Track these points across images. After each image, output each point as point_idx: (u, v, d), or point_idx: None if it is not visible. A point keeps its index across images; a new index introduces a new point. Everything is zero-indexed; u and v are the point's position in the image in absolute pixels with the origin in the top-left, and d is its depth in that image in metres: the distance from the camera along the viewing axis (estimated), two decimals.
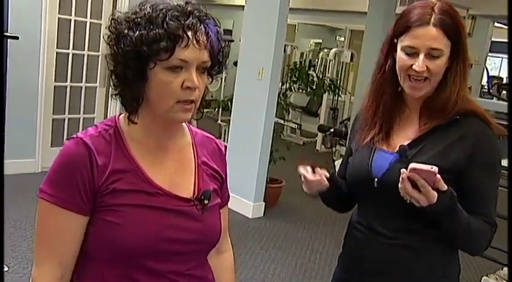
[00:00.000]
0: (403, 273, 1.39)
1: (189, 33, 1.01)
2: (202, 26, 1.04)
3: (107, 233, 1.06)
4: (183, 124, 1.20)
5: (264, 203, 4.72)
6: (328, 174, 1.43)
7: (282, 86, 5.44)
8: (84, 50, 5.30)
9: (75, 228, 1.07)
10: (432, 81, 1.34)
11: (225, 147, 1.32)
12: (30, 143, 5.09)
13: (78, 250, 1.09)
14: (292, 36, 10.13)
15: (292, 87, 5.42)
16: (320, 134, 7.66)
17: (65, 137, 5.38)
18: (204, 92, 1.10)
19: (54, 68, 5.13)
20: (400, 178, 1.21)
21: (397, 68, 1.36)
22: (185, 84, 1.03)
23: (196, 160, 1.19)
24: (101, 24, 5.30)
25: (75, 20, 5.14)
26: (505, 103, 3.93)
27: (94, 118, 5.62)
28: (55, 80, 5.15)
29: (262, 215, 4.70)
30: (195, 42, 1.02)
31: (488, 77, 7.89)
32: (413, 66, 1.31)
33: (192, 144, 1.20)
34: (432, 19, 1.30)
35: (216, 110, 6.90)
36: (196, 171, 1.17)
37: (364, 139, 1.45)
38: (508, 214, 1.49)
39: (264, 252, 3.91)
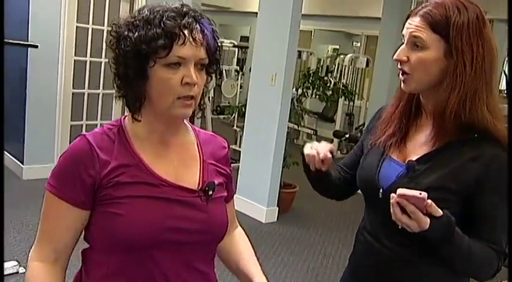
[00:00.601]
0: (404, 279, 1.34)
1: (186, 32, 1.06)
2: (198, 25, 1.08)
3: (110, 224, 1.10)
4: (187, 124, 1.24)
5: (277, 208, 4.76)
6: (329, 155, 1.38)
7: (296, 91, 5.47)
8: (101, 58, 5.41)
9: (73, 220, 1.12)
10: (416, 76, 1.26)
11: (228, 145, 1.35)
12: (49, 148, 5.20)
13: (74, 241, 1.15)
14: (308, 42, 10.18)
15: (307, 93, 5.44)
16: (336, 140, 7.66)
17: None
18: (204, 89, 1.14)
19: (72, 75, 5.25)
20: (390, 204, 1.14)
21: None
22: (184, 80, 1.07)
23: (201, 156, 1.22)
24: None
25: (92, 29, 5.26)
26: None
27: None
28: (73, 87, 5.27)
29: (275, 219, 4.73)
30: (191, 39, 1.06)
31: (507, 82, 7.81)
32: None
33: (197, 142, 1.24)
34: (420, 10, 1.25)
35: (232, 116, 6.98)
36: (201, 165, 1.20)
37: (378, 139, 1.39)
38: (508, 214, 1.43)
39: (276, 257, 3.94)
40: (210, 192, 1.17)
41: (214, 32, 1.12)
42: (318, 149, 1.38)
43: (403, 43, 1.28)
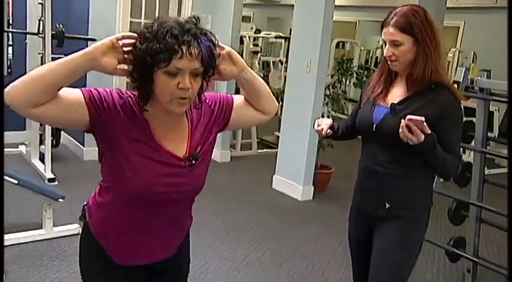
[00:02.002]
0: (391, 190, 2.00)
1: (183, 48, 1.30)
2: (195, 41, 1.33)
3: (118, 171, 1.45)
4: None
5: (313, 187, 5.07)
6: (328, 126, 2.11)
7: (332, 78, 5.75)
8: None
9: (73, 101, 1.37)
10: (400, 61, 1.91)
11: (224, 99, 1.64)
12: None
13: (61, 105, 1.35)
14: (352, 33, 10.35)
15: (341, 80, 5.71)
16: None
17: None
18: (200, 90, 1.44)
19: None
20: (400, 125, 1.77)
21: None
22: (180, 86, 1.34)
23: (189, 132, 1.53)
24: None
25: (144, 23, 5.73)
26: None
27: None
28: (128, 77, 5.77)
29: (311, 198, 5.04)
30: (188, 54, 1.31)
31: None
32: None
33: (188, 120, 1.55)
34: (390, 21, 1.88)
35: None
36: (189, 139, 1.53)
37: (370, 96, 2.05)
38: (508, 213, 1.84)
39: (309, 229, 4.25)
40: (193, 162, 1.52)
41: (211, 46, 1.37)
42: (322, 126, 2.11)
43: (386, 43, 1.93)
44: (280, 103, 5.23)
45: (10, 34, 5.89)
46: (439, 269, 3.68)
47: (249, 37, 6.59)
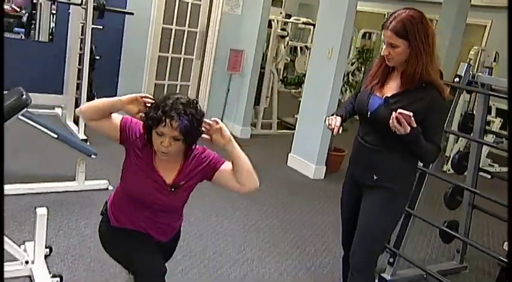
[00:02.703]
0: (378, 165, 2.31)
1: (167, 121, 1.85)
2: (178, 117, 1.86)
3: (126, 179, 2.09)
4: (180, 154, 2.05)
5: (325, 167, 5.37)
6: (339, 120, 2.35)
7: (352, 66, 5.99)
8: (185, 27, 6.22)
9: (114, 125, 2.05)
10: (395, 60, 2.18)
11: (216, 161, 2.11)
12: None
13: (107, 123, 2.04)
14: (379, 24, 10.48)
15: (360, 68, 5.95)
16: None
17: None
18: (186, 148, 1.98)
19: (159, 40, 6.10)
20: (391, 117, 2.04)
21: None
22: (162, 144, 1.91)
23: (180, 169, 2.08)
24: (200, 5, 6.19)
25: (179, 1, 6.06)
26: None
27: (189, 86, 6.56)
28: (159, 51, 6.12)
29: (323, 177, 5.34)
30: (169, 125, 1.85)
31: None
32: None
33: (182, 162, 2.08)
34: (389, 25, 2.12)
35: (298, 89, 7.60)
36: (177, 174, 2.07)
37: (368, 85, 2.34)
38: (508, 212, 2.07)
39: (317, 204, 4.57)
40: (173, 190, 2.06)
41: (190, 123, 1.88)
42: (333, 126, 2.32)
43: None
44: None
45: (55, 4, 6.30)
46: (432, 249, 3.98)
47: (277, 21, 6.84)
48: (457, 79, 3.16)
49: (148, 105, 1.94)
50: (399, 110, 2.02)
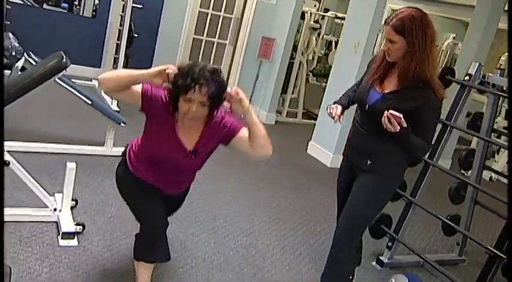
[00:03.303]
0: (373, 151, 2.48)
1: (196, 87, 2.04)
2: (206, 84, 2.04)
3: (148, 139, 2.32)
4: (202, 119, 2.24)
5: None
6: (340, 108, 2.57)
7: None
8: (220, 12, 6.46)
9: (135, 93, 2.19)
10: (393, 55, 2.31)
11: (234, 127, 2.29)
12: None
13: (126, 91, 2.17)
14: None
15: None
16: None
17: None
18: (209, 113, 2.16)
19: (195, 23, 6.36)
20: (383, 116, 2.21)
21: None
22: (190, 109, 2.09)
23: (200, 136, 2.27)
24: None
25: None
26: None
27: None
28: (194, 33, 6.39)
29: (339, 166, 5.51)
30: (198, 91, 2.05)
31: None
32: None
33: (202, 129, 2.26)
34: (390, 22, 2.26)
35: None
36: (197, 141, 2.27)
37: (369, 80, 2.48)
38: (508, 211, 2.12)
39: (329, 190, 4.75)
40: (193, 156, 2.28)
41: (216, 90, 2.07)
42: (333, 114, 2.55)
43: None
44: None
45: None
46: (434, 240, 4.14)
47: (311, 13, 7.01)
48: (467, 77, 3.30)
49: (173, 75, 2.08)
50: (390, 111, 2.19)
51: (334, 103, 2.62)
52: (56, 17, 6.87)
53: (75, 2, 7.50)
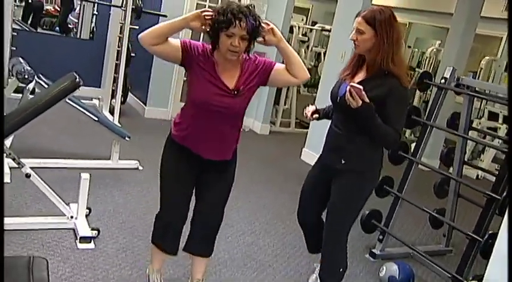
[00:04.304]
0: (346, 150, 2.56)
1: (237, 22, 2.19)
2: (245, 19, 2.20)
3: (192, 90, 2.41)
4: (241, 58, 2.41)
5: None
6: (311, 112, 2.82)
7: None
8: None
9: (175, 46, 2.33)
10: (361, 46, 2.46)
11: (268, 63, 2.44)
12: (165, 96, 6.70)
13: (166, 45, 2.31)
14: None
15: None
16: None
17: None
18: (247, 46, 2.30)
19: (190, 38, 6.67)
20: (346, 91, 2.32)
21: None
22: (232, 43, 2.23)
23: (240, 73, 2.41)
24: None
25: (209, 5, 6.64)
26: None
27: None
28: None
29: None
30: (239, 25, 2.20)
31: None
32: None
33: (240, 68, 2.42)
34: (362, 13, 2.45)
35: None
36: (238, 79, 2.39)
37: (341, 75, 2.64)
38: (509, 211, 2.34)
39: None
40: (235, 93, 2.38)
41: (255, 23, 2.22)
42: (307, 112, 2.82)
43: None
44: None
45: (96, 5, 6.95)
46: (424, 234, 4.42)
47: (299, 27, 7.36)
48: (443, 80, 3.62)
49: (209, 17, 2.25)
50: (351, 83, 2.31)
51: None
52: (55, 41, 7.20)
53: (70, 26, 7.84)
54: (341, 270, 2.78)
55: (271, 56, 6.78)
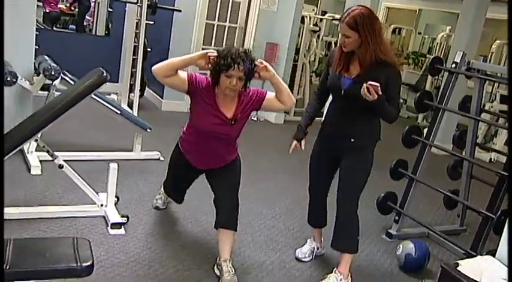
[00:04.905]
0: (355, 130, 2.91)
1: (236, 65, 2.64)
2: (242, 63, 2.65)
3: (195, 118, 2.91)
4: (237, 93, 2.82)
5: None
6: (294, 143, 3.22)
7: None
8: (226, 22, 6.92)
9: (183, 79, 2.81)
10: (348, 47, 2.74)
11: (260, 93, 2.91)
12: None
13: (176, 78, 2.80)
14: (411, 20, 10.94)
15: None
16: None
17: None
18: (243, 85, 2.74)
19: (203, 34, 6.82)
20: (363, 87, 2.62)
21: None
22: (230, 83, 2.67)
23: (236, 106, 2.86)
24: (239, 2, 6.89)
25: (221, 0, 6.77)
26: None
27: None
28: (203, 44, 6.85)
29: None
30: (237, 68, 2.64)
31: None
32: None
33: (237, 100, 2.84)
34: (344, 20, 2.68)
35: None
36: (235, 110, 2.85)
37: (336, 69, 2.87)
38: (509, 211, 2.62)
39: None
40: (233, 123, 2.85)
41: (251, 66, 2.68)
42: (293, 147, 3.21)
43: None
44: None
45: (109, 2, 7.13)
46: (438, 215, 4.56)
47: (310, 17, 7.46)
48: (453, 65, 3.73)
49: (213, 58, 2.70)
50: (369, 82, 2.59)
51: (293, 137, 3.20)
52: (72, 38, 7.39)
53: (84, 23, 8.03)
54: (358, 237, 3.09)
55: (284, 47, 6.94)
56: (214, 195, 3.08)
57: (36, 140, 3.45)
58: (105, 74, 3.17)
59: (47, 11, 7.84)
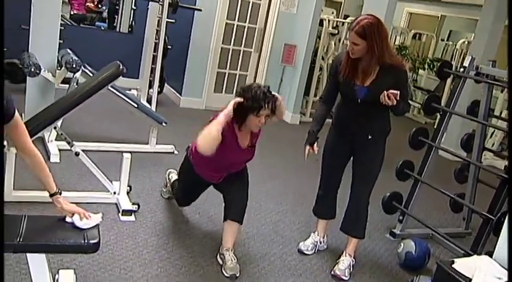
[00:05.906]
0: (372, 128, 3.11)
1: (265, 105, 2.87)
2: (270, 102, 2.88)
3: (216, 157, 2.94)
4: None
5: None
6: (308, 148, 3.29)
7: None
8: (245, 23, 7.06)
9: (219, 139, 2.88)
10: (356, 54, 2.88)
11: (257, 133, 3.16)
12: (199, 86, 7.03)
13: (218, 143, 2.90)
14: (433, 26, 10.92)
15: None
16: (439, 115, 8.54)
17: (224, 87, 7.26)
18: (269, 120, 3.00)
19: (222, 34, 6.97)
20: (383, 94, 2.81)
21: None
22: (260, 121, 2.93)
23: (250, 137, 3.10)
24: (259, 4, 7.02)
25: (241, 0, 6.91)
26: None
27: (247, 75, 7.39)
28: (222, 43, 6.99)
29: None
30: (266, 108, 2.88)
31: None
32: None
33: (250, 133, 3.08)
34: (354, 28, 2.82)
35: None
36: (249, 140, 3.10)
37: (346, 76, 3.01)
38: (509, 212, 2.62)
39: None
40: (249, 148, 3.11)
41: (275, 103, 2.91)
42: (307, 154, 3.26)
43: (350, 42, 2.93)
44: None
45: (135, 0, 7.33)
46: (444, 219, 4.60)
47: (328, 20, 7.55)
48: (462, 69, 3.79)
49: (236, 105, 2.86)
50: (390, 90, 2.79)
51: (306, 143, 3.27)
52: (96, 35, 7.61)
53: (108, 21, 8.26)
54: (366, 225, 3.36)
55: (301, 48, 7.04)
56: (224, 192, 3.26)
57: (55, 128, 3.61)
58: (121, 67, 3.33)
59: (73, 12, 8.12)
